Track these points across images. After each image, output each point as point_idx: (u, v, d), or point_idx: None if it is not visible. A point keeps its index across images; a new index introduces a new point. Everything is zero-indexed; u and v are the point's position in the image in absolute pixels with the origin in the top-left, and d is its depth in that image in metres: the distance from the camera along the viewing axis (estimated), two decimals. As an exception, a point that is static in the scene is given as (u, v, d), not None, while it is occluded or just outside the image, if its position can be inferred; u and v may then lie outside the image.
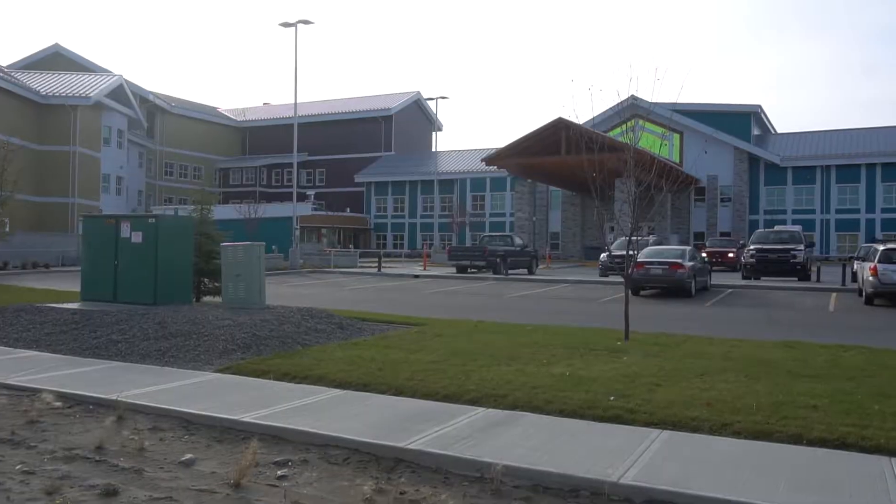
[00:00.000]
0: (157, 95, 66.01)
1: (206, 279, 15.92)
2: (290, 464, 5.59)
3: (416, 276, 31.47)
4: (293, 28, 37.95)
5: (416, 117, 76.59)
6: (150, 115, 66.19)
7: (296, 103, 40.33)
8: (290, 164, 50.62)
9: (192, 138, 71.67)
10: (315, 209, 59.57)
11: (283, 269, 35.01)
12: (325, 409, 7.03)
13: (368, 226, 69.40)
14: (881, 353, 10.01)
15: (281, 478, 5.28)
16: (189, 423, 6.69)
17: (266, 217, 43.08)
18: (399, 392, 7.73)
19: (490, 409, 7.00)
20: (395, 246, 67.60)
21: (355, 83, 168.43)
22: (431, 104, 68.64)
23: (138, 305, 13.08)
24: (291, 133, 41.41)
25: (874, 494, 4.79)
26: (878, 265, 19.13)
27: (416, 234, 67.61)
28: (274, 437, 6.25)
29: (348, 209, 68.05)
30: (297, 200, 42.78)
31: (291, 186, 40.73)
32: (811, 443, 5.92)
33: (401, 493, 4.98)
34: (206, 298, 15.80)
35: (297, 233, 39.62)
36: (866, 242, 37.43)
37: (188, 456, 5.70)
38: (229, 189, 73.56)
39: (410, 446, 5.77)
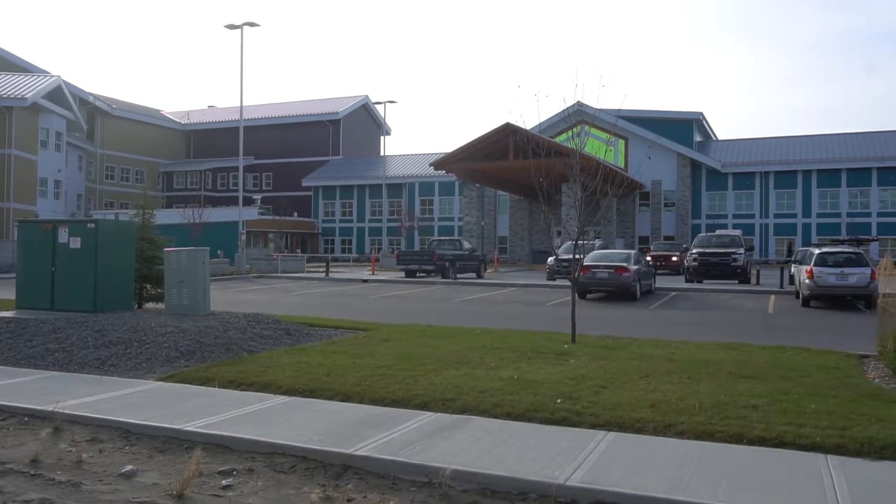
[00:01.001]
0: (97, 97, 64.28)
1: (148, 285, 15.55)
2: (235, 473, 5.49)
3: (365, 281, 31.30)
4: (239, 30, 37.42)
5: (365, 121, 76.28)
6: (91, 117, 64.42)
7: (241, 106, 39.73)
8: (236, 168, 49.88)
9: (135, 141, 70.01)
10: (262, 213, 58.74)
11: (230, 275, 34.43)
12: (271, 416, 6.92)
13: (316, 230, 68.78)
14: (817, 354, 10.33)
15: (226, 487, 5.18)
16: (130, 434, 6.51)
17: (211, 222, 42.34)
18: (347, 398, 7.67)
19: (439, 414, 6.99)
20: (343, 251, 67.11)
21: (303, 87, 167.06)
22: (380, 108, 68.39)
23: (77, 313, 12.69)
24: (237, 136, 40.78)
25: (811, 491, 4.93)
26: (814, 268, 19.76)
27: (364, 238, 67.26)
28: (219, 446, 6.12)
29: (296, 214, 67.28)
30: (244, 205, 42.14)
31: (237, 190, 40.04)
32: (751, 442, 6.06)
33: (348, 500, 4.93)
34: (149, 305, 15.43)
35: (244, 237, 38.96)
36: (803, 246, 38.64)
37: (129, 467, 5.55)
38: (173, 193, 72.04)
39: (358, 452, 5.72)
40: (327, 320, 14.55)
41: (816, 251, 20.98)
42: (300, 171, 70.34)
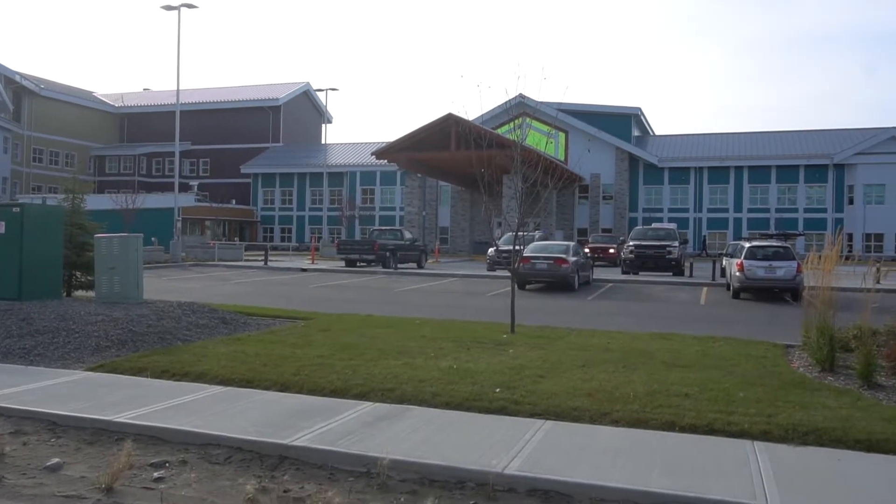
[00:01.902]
0: (24, 76, 61.72)
1: (78, 273, 15.03)
2: (167, 465, 5.36)
3: (304, 270, 30.96)
4: (176, 11, 36.42)
5: (306, 108, 75.24)
6: (17, 97, 61.82)
7: (178, 90, 38.70)
8: (172, 153, 48.62)
9: (65, 123, 67.50)
10: (199, 200, 57.41)
11: (164, 263, 33.61)
12: (205, 406, 6.78)
13: (255, 218, 67.64)
14: (746, 344, 10.66)
15: (157, 480, 5.06)
16: (56, 426, 6.29)
17: (146, 208, 41.10)
18: (284, 388, 7.57)
19: (378, 404, 6.96)
20: (282, 239, 66.21)
21: (243, 72, 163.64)
22: (321, 96, 67.62)
23: (0, 301, 12.19)
24: (173, 120, 39.73)
25: (739, 476, 5.10)
26: (744, 261, 20.39)
27: (304, 227, 66.48)
28: (151, 437, 5.97)
29: (234, 201, 66.01)
30: (180, 191, 41.09)
31: (173, 176, 39.08)
32: (683, 429, 6.23)
33: (285, 492, 4.87)
34: (79, 293, 14.92)
35: (179, 225, 38.04)
36: (734, 240, 39.85)
37: (55, 460, 5.36)
38: (106, 178, 69.72)
39: (295, 443, 5.66)
40: (266, 309, 14.34)
41: (747, 245, 21.65)
42: (239, 158, 69.01)
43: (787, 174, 55.04)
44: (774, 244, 21.90)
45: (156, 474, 5.14)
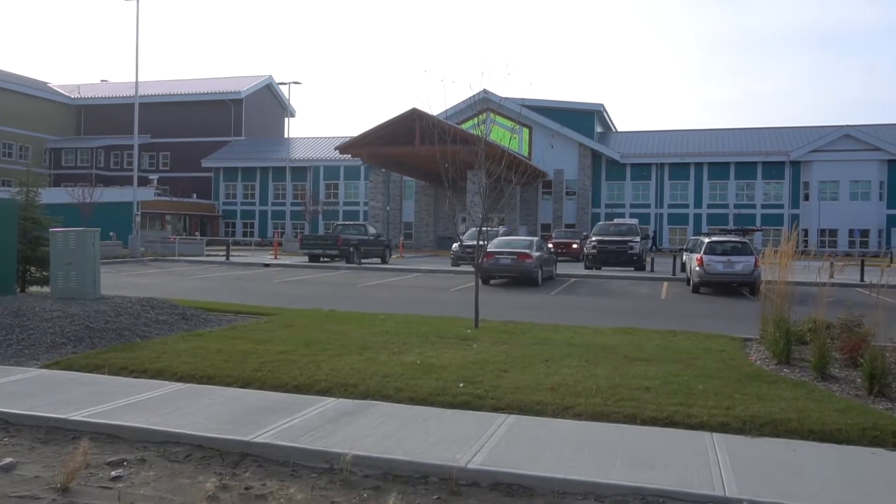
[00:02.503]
0: (-25, 66, 60.01)
1: (32, 268, 14.65)
2: (125, 464, 5.26)
3: (267, 265, 30.67)
4: (135, 0, 35.73)
5: (268, 102, 74.48)
6: (-32, 87, 60.16)
7: (137, 81, 37.99)
8: (131, 147, 47.77)
9: (18, 115, 65.84)
10: (158, 194, 56.45)
11: (123, 258, 33.01)
12: (165, 403, 6.67)
13: (217, 213, 66.80)
14: (705, 338, 10.84)
15: (115, 479, 4.96)
16: (9, 425, 6.13)
17: (104, 202, 40.28)
18: (246, 384, 7.49)
19: (341, 399, 6.92)
20: (244, 234, 65.53)
21: (204, 64, 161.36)
22: (284, 89, 67.03)
23: (-49, 296, 11.84)
24: (132, 113, 39.00)
25: (698, 467, 5.18)
26: (703, 256, 20.72)
27: (266, 221, 65.86)
28: (108, 435, 5.85)
29: (195, 195, 65.12)
30: (139, 185, 40.42)
31: (132, 170, 38.35)
32: (644, 422, 6.30)
33: (246, 489, 4.82)
34: (33, 289, 14.56)
35: (138, 219, 37.38)
36: (694, 235, 40.49)
37: (7, 460, 5.23)
38: (62, 171, 68.17)
39: (257, 439, 5.60)
40: (227, 305, 14.17)
41: (707, 240, 22.00)
42: (200, 152, 68.07)
43: (745, 170, 56.09)
44: (733, 239, 22.28)
45: (113, 473, 5.05)
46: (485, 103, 20.47)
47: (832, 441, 5.88)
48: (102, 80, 79.54)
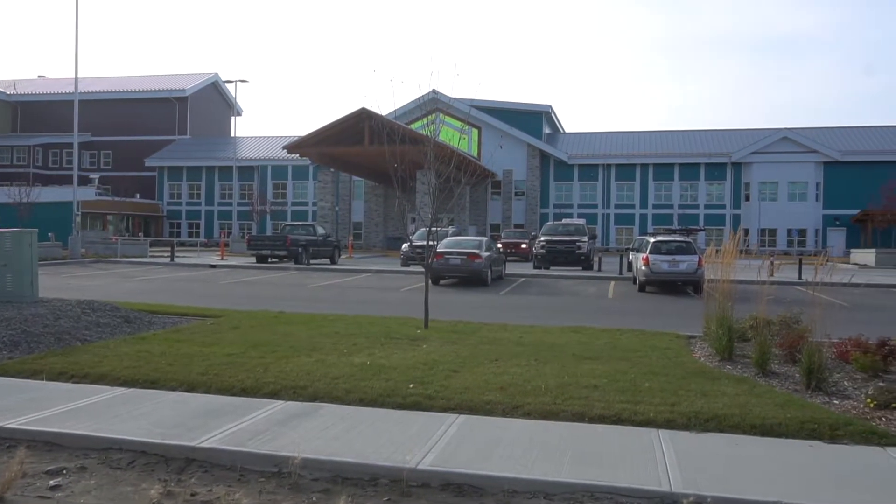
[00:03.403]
0: None
1: (-35, 270, 14.12)
2: (65, 472, 5.10)
3: (213, 266, 30.13)
4: (74, -5, 34.72)
5: (214, 100, 73.17)
6: None
7: (77, 77, 36.86)
8: (71, 145, 46.33)
9: (-50, 111, 63.32)
10: (100, 194, 54.95)
11: (63, 259, 32.00)
12: (107, 409, 6.49)
13: (161, 213, 65.33)
14: (651, 336, 11.04)
15: (54, 488, 4.81)
16: (-59, 434, 5.89)
17: (42, 202, 39.05)
18: (192, 388, 7.34)
19: (289, 402, 6.84)
20: (190, 235, 64.23)
21: (148, 62, 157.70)
22: (230, 87, 65.85)
23: None
24: (72, 110, 37.85)
25: (645, 463, 5.27)
26: (649, 256, 21.10)
27: (213, 222, 64.68)
28: (46, 443, 5.67)
29: (138, 195, 63.57)
30: (80, 184, 39.22)
31: (72, 169, 37.21)
32: (592, 420, 6.38)
33: (192, 495, 4.72)
34: (-34, 292, 14.03)
35: (79, 219, 36.31)
36: (640, 235, 41.22)
37: (-61, 470, 5.02)
38: (-3, 170, 65.86)
39: (203, 444, 5.49)
40: (172, 307, 13.87)
41: (652, 240, 22.41)
42: (144, 150, 66.47)
43: (689, 171, 57.30)
44: (677, 239, 22.73)
45: (52, 482, 4.89)
46: (434, 103, 20.49)
47: (773, 435, 6.04)
48: (40, 76, 77.07)
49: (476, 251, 22.66)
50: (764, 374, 8.35)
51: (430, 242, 12.88)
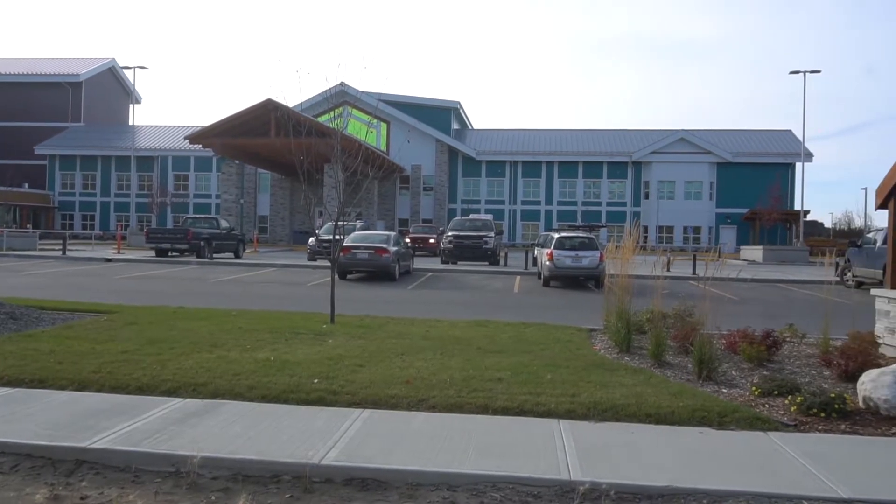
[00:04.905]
0: None
1: None
2: (-61, 478, 4.78)
3: (109, 260, 28.86)
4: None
5: (111, 87, 70.07)
6: None
7: (-43, 59, 34.56)
8: (-50, 130, 43.36)
9: None
10: (-17, 183, 51.74)
11: (-60, 252, 29.97)
12: (-11, 411, 6.12)
13: (52, 204, 62.06)
14: (554, 329, 11.31)
15: (-73, 495, 4.50)
16: None
17: (-84, 191, 36.50)
18: (83, 386, 7.01)
19: (188, 400, 6.64)
20: (84, 227, 61.29)
21: (39, 45, 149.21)
22: (129, 74, 63.18)
23: None
24: (-49, 93, 35.46)
25: (545, 453, 5.40)
26: (553, 251, 21.60)
27: (109, 214, 61.98)
28: (-81, 448, 5.29)
29: (26, 185, 60.14)
30: (-40, 172, 36.84)
31: (-49, 155, 34.89)
32: (496, 412, 6.49)
33: (82, 499, 4.51)
34: None
35: (-41, 210, 34.10)
36: (545, 231, 42.15)
37: None
38: None
39: (94, 445, 5.25)
40: (63, 303, 13.20)
41: (556, 236, 22.96)
42: (33, 138, 62.92)
43: (592, 170, 59.02)
44: (580, 235, 23.36)
45: (-75, 489, 4.57)
46: (342, 96, 20.28)
47: (666, 423, 6.31)
48: (-85, 56, 71.74)
49: (384, 246, 22.61)
50: (659, 365, 8.70)
51: (337, 237, 12.75)
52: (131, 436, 5.49)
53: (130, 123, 65.95)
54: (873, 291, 10.54)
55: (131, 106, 63.91)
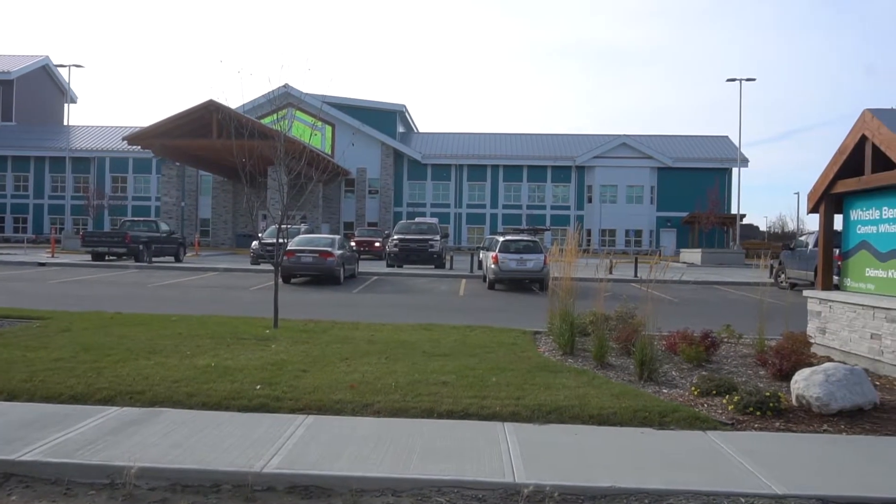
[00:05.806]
0: None
1: None
2: None
3: (42, 265, 27.90)
4: None
5: (45, 85, 67.70)
6: None
7: None
8: None
9: None
10: None
11: None
12: None
13: (-20, 206, 59.66)
14: (499, 332, 11.36)
15: None
16: None
17: None
18: (13, 396, 6.74)
19: (125, 408, 6.44)
20: (16, 230, 59.11)
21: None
22: (64, 72, 61.23)
23: None
24: None
25: (490, 455, 5.41)
26: (498, 254, 21.73)
27: (43, 217, 59.89)
28: None
29: (-47, 186, 57.75)
30: None
31: None
32: (441, 415, 6.47)
33: (10, 513, 4.33)
34: None
35: None
36: (490, 234, 42.39)
37: None
38: None
39: (24, 458, 5.05)
40: (-9, 309, 12.69)
41: (501, 239, 23.10)
42: (-41, 137, 60.39)
43: (536, 173, 59.61)
44: (525, 238, 23.57)
45: None
46: (286, 98, 20.00)
47: (609, 424, 6.39)
48: None
49: (328, 249, 22.41)
50: (602, 366, 8.82)
51: (281, 240, 12.58)
52: (64, 447, 5.30)
53: (65, 123, 64.02)
54: (805, 293, 10.90)
55: (66, 105, 62.07)
